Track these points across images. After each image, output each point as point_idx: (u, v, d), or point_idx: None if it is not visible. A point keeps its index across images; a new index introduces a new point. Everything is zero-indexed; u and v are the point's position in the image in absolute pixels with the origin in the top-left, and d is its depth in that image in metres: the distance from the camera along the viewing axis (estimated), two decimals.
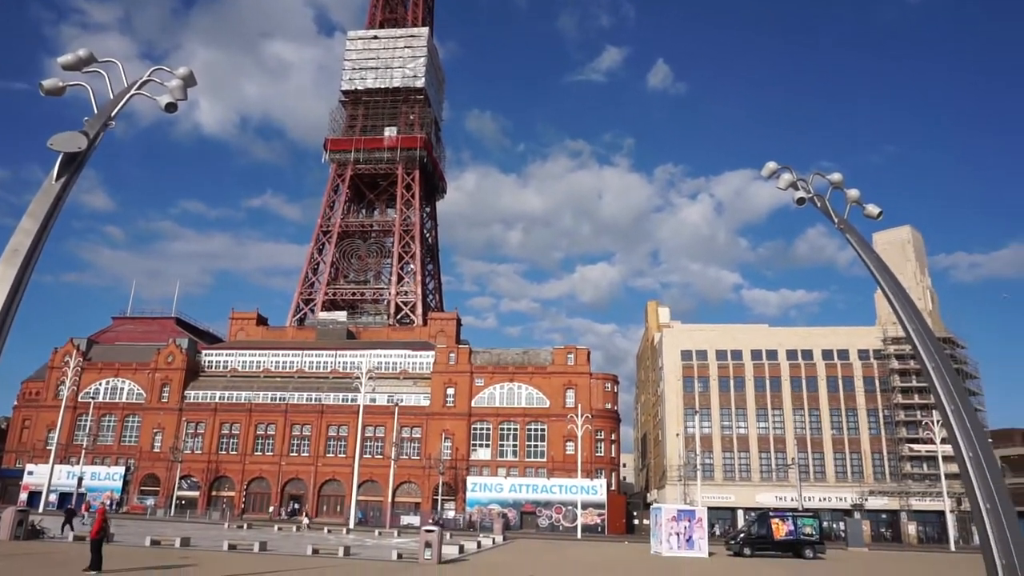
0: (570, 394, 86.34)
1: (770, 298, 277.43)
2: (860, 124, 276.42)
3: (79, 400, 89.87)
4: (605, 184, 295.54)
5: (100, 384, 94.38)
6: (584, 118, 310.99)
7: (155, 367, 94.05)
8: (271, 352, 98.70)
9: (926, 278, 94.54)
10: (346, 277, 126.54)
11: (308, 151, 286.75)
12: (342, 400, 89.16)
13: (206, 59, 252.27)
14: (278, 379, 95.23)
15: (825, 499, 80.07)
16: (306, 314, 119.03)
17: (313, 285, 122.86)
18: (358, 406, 70.61)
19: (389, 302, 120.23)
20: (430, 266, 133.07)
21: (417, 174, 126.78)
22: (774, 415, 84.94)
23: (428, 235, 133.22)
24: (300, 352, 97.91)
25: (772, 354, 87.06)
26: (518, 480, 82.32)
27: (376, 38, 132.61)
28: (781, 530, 43.51)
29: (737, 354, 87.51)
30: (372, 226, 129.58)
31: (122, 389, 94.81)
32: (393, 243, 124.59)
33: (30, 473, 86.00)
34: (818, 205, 13.73)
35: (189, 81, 11.45)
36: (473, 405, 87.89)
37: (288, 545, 36.13)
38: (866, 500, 79.70)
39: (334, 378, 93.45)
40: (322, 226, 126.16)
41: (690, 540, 40.51)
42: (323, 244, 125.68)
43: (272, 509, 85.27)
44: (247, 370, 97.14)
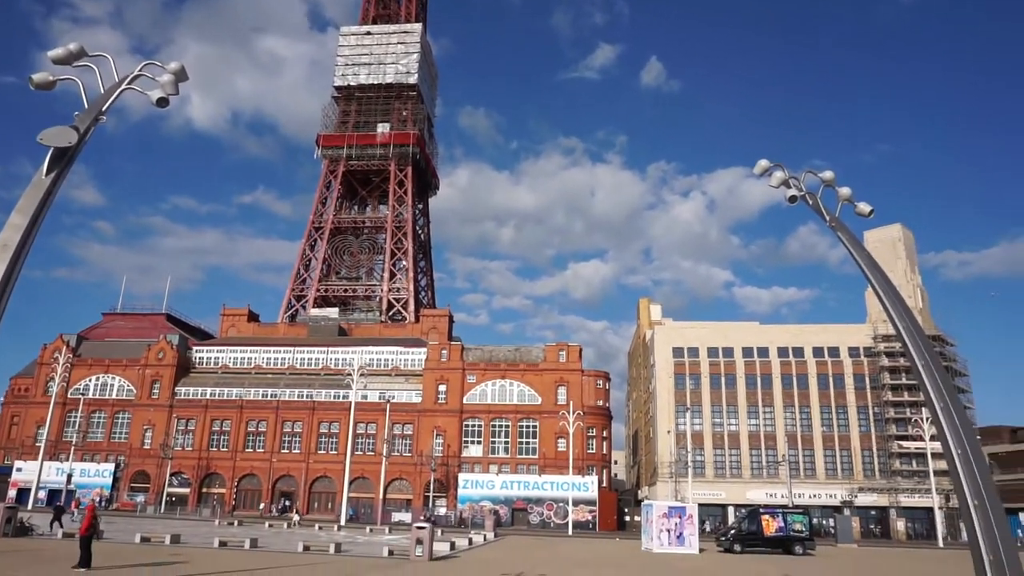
0: (562, 391, 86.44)
1: (762, 295, 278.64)
2: (853, 123, 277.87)
3: (69, 396, 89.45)
4: (598, 181, 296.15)
5: (90, 380, 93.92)
6: (577, 115, 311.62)
7: (145, 363, 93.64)
8: (262, 348, 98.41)
9: (916, 276, 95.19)
10: (338, 274, 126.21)
11: (300, 147, 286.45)
12: (334, 397, 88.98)
13: (198, 54, 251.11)
14: (269, 376, 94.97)
15: (815, 496, 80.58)
16: (298, 310, 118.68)
17: (305, 281, 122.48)
18: (350, 403, 70.60)
19: (381, 299, 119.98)
20: (422, 263, 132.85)
21: (410, 170, 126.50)
22: (765, 412, 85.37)
23: (420, 232, 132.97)
24: (291, 349, 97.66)
25: (763, 351, 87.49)
26: (509, 477, 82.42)
27: (369, 34, 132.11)
28: (771, 527, 43.74)
29: (728, 351, 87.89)
30: (364, 222, 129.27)
31: (112, 385, 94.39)
32: (385, 239, 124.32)
33: (19, 470, 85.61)
34: (810, 203, 13.76)
35: (181, 76, 11.38)
36: (465, 402, 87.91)
37: (279, 542, 36.09)
38: (855, 497, 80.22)
39: (326, 375, 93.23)
40: (314, 222, 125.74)
41: (681, 537, 40.71)
42: (315, 240, 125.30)
43: (263, 506, 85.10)
44: (238, 367, 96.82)
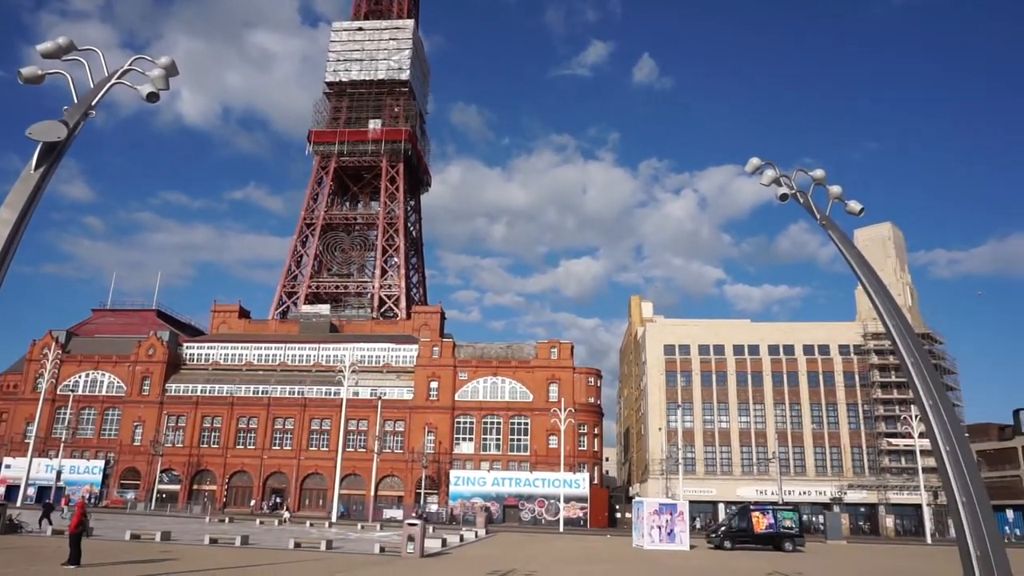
0: (553, 388, 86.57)
1: (752, 293, 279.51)
2: (844, 121, 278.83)
3: (58, 393, 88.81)
4: (590, 178, 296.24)
5: (80, 377, 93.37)
6: (569, 112, 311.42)
7: (136, 360, 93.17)
8: (253, 345, 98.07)
9: (906, 274, 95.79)
10: (329, 270, 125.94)
11: (292, 143, 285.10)
12: (325, 393, 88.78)
13: (188, 49, 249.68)
14: (260, 372, 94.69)
15: (805, 493, 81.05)
16: (289, 307, 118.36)
17: (296, 278, 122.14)
18: (341, 399, 70.43)
19: (372, 295, 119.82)
20: (414, 259, 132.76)
21: (401, 167, 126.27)
22: (755, 409, 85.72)
23: (412, 228, 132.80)
24: (283, 345, 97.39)
25: (754, 349, 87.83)
26: (501, 474, 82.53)
27: (361, 30, 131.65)
28: (761, 523, 43.91)
29: (719, 349, 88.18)
30: (356, 219, 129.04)
31: (102, 382, 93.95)
32: (377, 236, 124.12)
33: (8, 467, 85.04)
34: (801, 201, 13.81)
35: (171, 71, 11.33)
36: (456, 399, 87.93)
37: (270, 539, 36.01)
38: (845, 494, 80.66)
39: (317, 371, 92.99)
40: (305, 219, 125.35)
41: (671, 533, 40.83)
42: (306, 237, 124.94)
43: (254, 503, 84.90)
44: (229, 363, 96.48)
